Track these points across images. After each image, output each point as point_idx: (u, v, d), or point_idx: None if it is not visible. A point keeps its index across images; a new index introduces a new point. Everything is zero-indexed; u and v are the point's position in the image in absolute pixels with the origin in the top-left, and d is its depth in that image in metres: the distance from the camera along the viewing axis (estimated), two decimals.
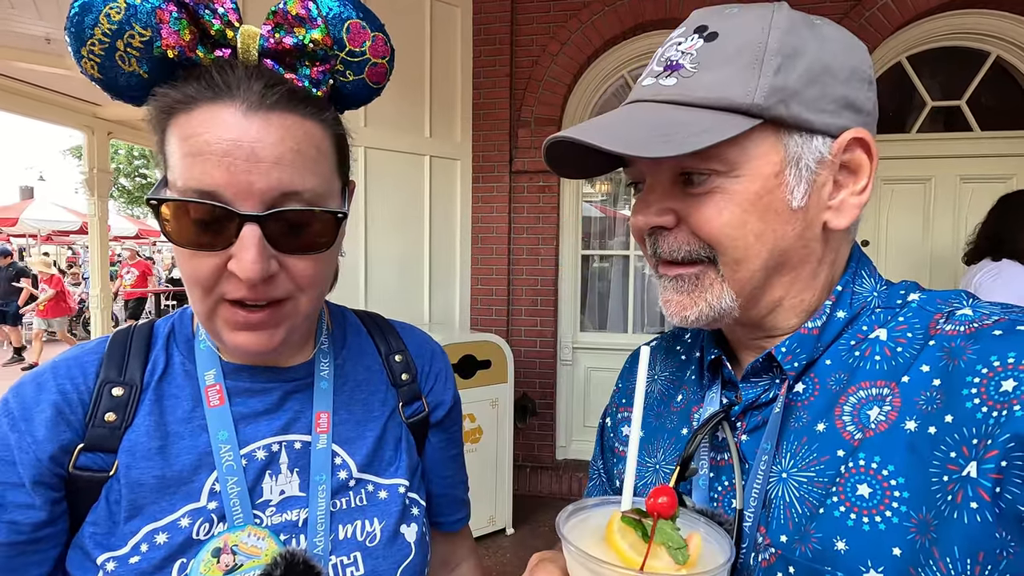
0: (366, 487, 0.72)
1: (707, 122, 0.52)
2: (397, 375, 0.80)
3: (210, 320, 0.60)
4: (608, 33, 3.87)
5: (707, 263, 0.57)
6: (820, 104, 0.54)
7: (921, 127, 3.85)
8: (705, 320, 0.59)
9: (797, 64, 0.53)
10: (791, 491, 0.55)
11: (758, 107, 0.52)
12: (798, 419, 0.57)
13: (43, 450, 0.58)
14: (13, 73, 5.86)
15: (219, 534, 0.61)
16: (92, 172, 7.06)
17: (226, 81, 0.56)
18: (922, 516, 0.46)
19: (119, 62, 0.56)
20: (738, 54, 0.53)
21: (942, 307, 0.55)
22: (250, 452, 0.66)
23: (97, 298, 7.47)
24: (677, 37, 0.59)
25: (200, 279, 0.57)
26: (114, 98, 0.60)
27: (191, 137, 0.55)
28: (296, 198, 0.57)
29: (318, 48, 0.58)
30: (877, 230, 3.91)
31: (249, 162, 0.54)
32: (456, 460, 0.89)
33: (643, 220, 0.58)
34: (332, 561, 0.66)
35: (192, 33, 0.56)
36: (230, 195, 0.55)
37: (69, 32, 0.54)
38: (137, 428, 0.62)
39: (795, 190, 0.55)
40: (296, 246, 0.59)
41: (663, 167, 0.57)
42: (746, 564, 0.56)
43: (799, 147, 0.54)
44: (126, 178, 23.56)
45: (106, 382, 0.62)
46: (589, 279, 4.43)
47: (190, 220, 0.56)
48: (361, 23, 0.62)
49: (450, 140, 3.92)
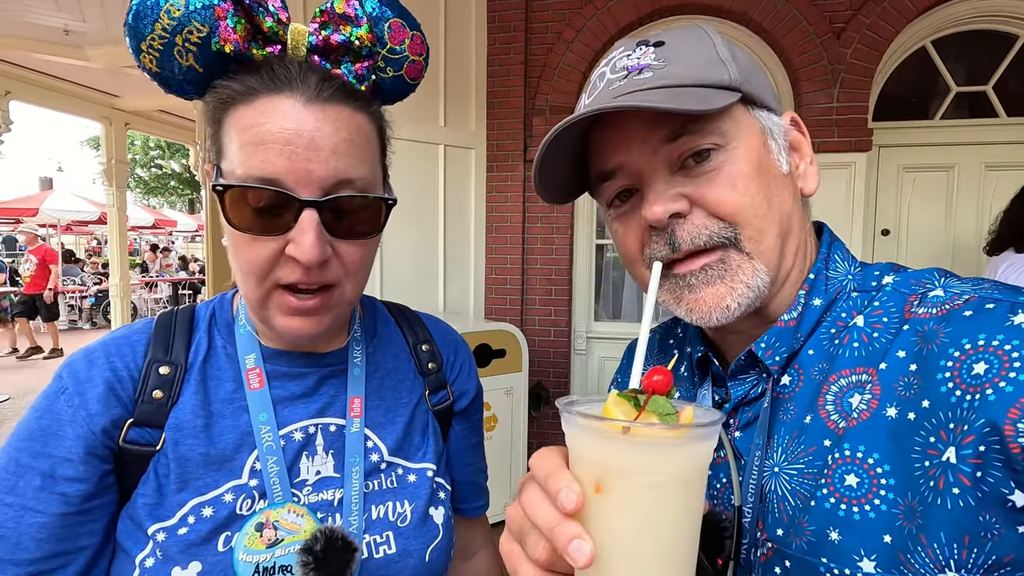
0: (396, 470, 0.74)
1: (704, 93, 0.54)
2: (424, 364, 0.83)
3: (263, 307, 0.63)
4: (624, 20, 3.82)
5: (728, 246, 0.56)
6: (763, 88, 0.60)
7: (945, 113, 3.76)
8: (747, 305, 0.57)
9: (739, 58, 0.59)
10: (783, 484, 0.55)
11: (736, 82, 0.56)
12: (786, 412, 0.57)
13: (95, 423, 0.61)
14: (32, 64, 5.93)
15: (261, 510, 0.64)
16: (110, 162, 7.15)
17: (285, 75, 0.59)
18: (908, 503, 0.47)
19: (177, 57, 0.59)
20: (695, 51, 0.58)
21: (916, 288, 0.55)
22: (288, 433, 0.69)
23: (117, 287, 7.60)
24: (622, 52, 0.61)
25: (257, 265, 0.60)
26: (167, 92, 0.63)
27: (252, 127, 0.58)
28: (350, 186, 0.61)
29: (362, 45, 0.62)
30: (898, 219, 3.85)
31: (309, 150, 0.58)
32: (477, 448, 0.91)
33: (661, 209, 0.56)
34: (366, 539, 0.69)
35: (246, 30, 0.59)
36: (291, 182, 0.58)
37: (129, 27, 0.57)
38: (183, 406, 0.65)
39: (779, 156, 0.60)
40: (349, 231, 0.62)
41: (662, 153, 0.57)
42: (747, 560, 0.56)
43: (767, 120, 0.60)
44: (142, 168, 23.83)
45: (153, 361, 0.66)
46: (603, 269, 4.42)
47: (252, 206, 0.58)
48: (401, 22, 0.66)
49: (464, 129, 3.91)
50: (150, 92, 6.80)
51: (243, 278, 0.62)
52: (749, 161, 0.56)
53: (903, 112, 3.80)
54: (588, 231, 4.26)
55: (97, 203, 12.08)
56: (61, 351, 8.49)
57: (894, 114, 3.79)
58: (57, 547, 0.59)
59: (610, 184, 0.61)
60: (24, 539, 0.58)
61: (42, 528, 0.58)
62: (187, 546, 0.60)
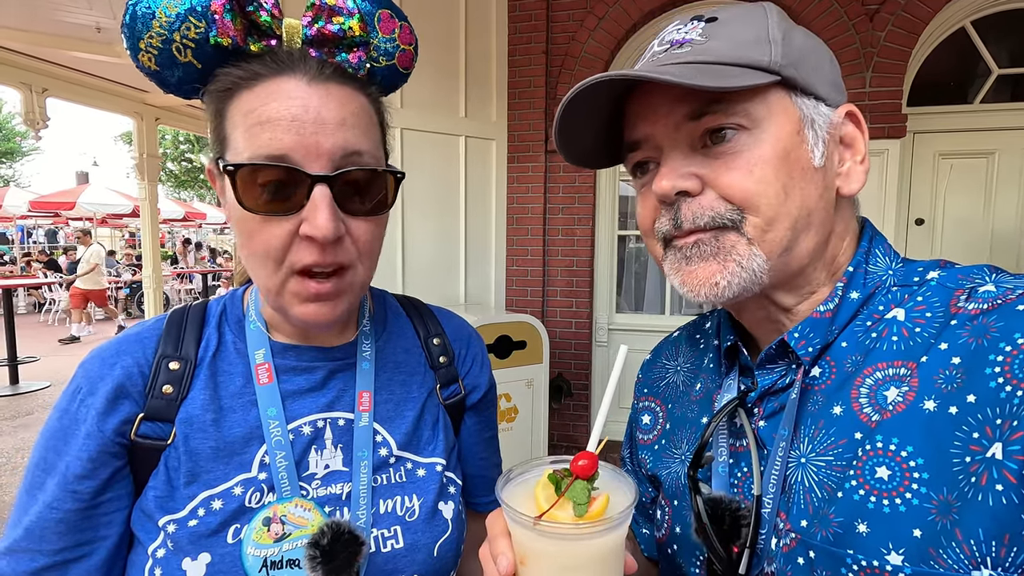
0: (405, 464, 0.74)
1: (737, 72, 0.53)
2: (435, 358, 0.82)
3: (279, 295, 0.63)
4: (647, 6, 3.75)
5: (728, 228, 0.56)
6: (818, 75, 0.58)
7: (985, 97, 3.60)
8: (738, 286, 0.56)
9: (794, 41, 0.57)
10: (810, 475, 0.54)
11: (777, 64, 0.54)
12: (815, 403, 0.57)
13: (106, 422, 0.62)
14: (67, 62, 6.11)
15: (268, 504, 0.65)
16: (142, 157, 7.34)
17: (287, 58, 0.61)
18: (943, 497, 0.46)
19: (176, 54, 0.60)
20: (744, 30, 0.56)
21: (963, 283, 0.53)
22: (297, 427, 0.69)
23: (150, 278, 7.83)
24: (675, 25, 0.61)
25: (272, 248, 0.60)
26: (166, 91, 0.63)
27: (256, 109, 0.59)
28: (358, 158, 0.61)
29: (355, 35, 0.63)
30: (933, 208, 3.72)
31: (316, 124, 0.58)
32: (491, 443, 0.91)
33: (669, 184, 0.56)
34: (373, 533, 0.69)
35: (242, 24, 0.60)
36: (299, 157, 0.58)
37: (127, 26, 0.58)
38: (193, 400, 0.66)
39: (814, 149, 0.57)
40: (360, 208, 0.63)
41: (684, 130, 0.56)
42: (766, 549, 0.56)
43: (810, 110, 0.57)
44: (173, 162, 24.43)
45: (163, 356, 0.67)
46: (626, 260, 4.38)
47: (262, 185, 0.58)
48: (389, 12, 0.68)
49: (486, 120, 3.90)
50: None
51: (259, 265, 0.62)
52: (774, 148, 0.54)
53: (940, 97, 3.65)
54: (610, 222, 4.22)
55: (130, 197, 12.45)
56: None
57: (930, 99, 3.65)
58: (78, 538, 0.62)
59: (635, 154, 0.62)
60: (47, 532, 0.61)
61: (60, 523, 0.61)
62: (197, 537, 0.62)
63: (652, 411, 0.79)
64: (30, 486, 0.63)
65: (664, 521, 0.71)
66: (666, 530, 0.70)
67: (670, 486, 0.71)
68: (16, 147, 24.61)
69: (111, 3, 4.24)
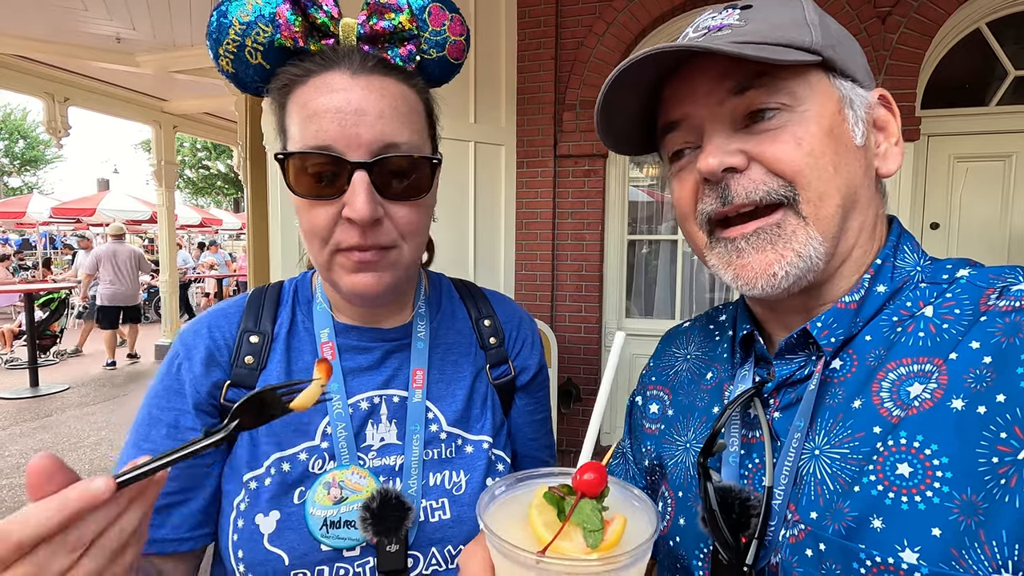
0: (455, 441, 0.79)
1: (781, 50, 0.54)
2: (485, 339, 0.87)
3: (328, 269, 0.69)
4: (656, 11, 3.75)
5: (786, 207, 0.55)
6: (854, 60, 0.59)
7: (1002, 99, 3.55)
8: (795, 276, 0.55)
9: (830, 27, 0.58)
10: (823, 467, 0.54)
11: (818, 44, 0.55)
12: (833, 396, 0.56)
13: (201, 384, 0.72)
14: (88, 72, 6.26)
15: (329, 470, 0.72)
16: (160, 164, 7.49)
17: (334, 55, 0.67)
18: (967, 497, 0.45)
19: (247, 57, 0.67)
20: (781, 13, 0.57)
21: (994, 282, 0.52)
22: (356, 402, 0.75)
23: (166, 283, 7.94)
24: (710, 14, 0.61)
25: (317, 229, 0.66)
26: (243, 91, 0.72)
27: (308, 103, 0.65)
28: (396, 149, 0.66)
29: (406, 29, 0.69)
30: (948, 211, 3.66)
31: (357, 115, 0.64)
32: (543, 424, 0.94)
33: (716, 161, 0.55)
34: (423, 504, 0.73)
35: (303, 26, 0.66)
36: (341, 147, 0.64)
37: (210, 36, 0.67)
38: (270, 372, 0.75)
39: (855, 128, 0.57)
40: (398, 192, 0.67)
41: (727, 106, 0.57)
42: (774, 540, 0.55)
43: (849, 91, 0.58)
44: (190, 169, 24.83)
45: (245, 331, 0.76)
46: (635, 265, 4.36)
47: (308, 172, 0.65)
48: (440, 6, 0.73)
49: (495, 125, 3.92)
50: (195, 95, 7.08)
51: (308, 242, 0.69)
52: (819, 124, 0.55)
53: (955, 99, 3.60)
54: (619, 226, 4.21)
55: (149, 203, 12.68)
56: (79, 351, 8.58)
57: (945, 101, 3.60)
58: (182, 484, 0.70)
59: (673, 136, 0.62)
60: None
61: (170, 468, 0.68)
62: (271, 496, 0.69)
63: (660, 400, 0.79)
64: (136, 439, 0.70)
65: (667, 512, 0.70)
66: (668, 521, 0.69)
67: (676, 476, 0.70)
68: (40, 155, 25.21)
69: (130, 14, 4.35)
